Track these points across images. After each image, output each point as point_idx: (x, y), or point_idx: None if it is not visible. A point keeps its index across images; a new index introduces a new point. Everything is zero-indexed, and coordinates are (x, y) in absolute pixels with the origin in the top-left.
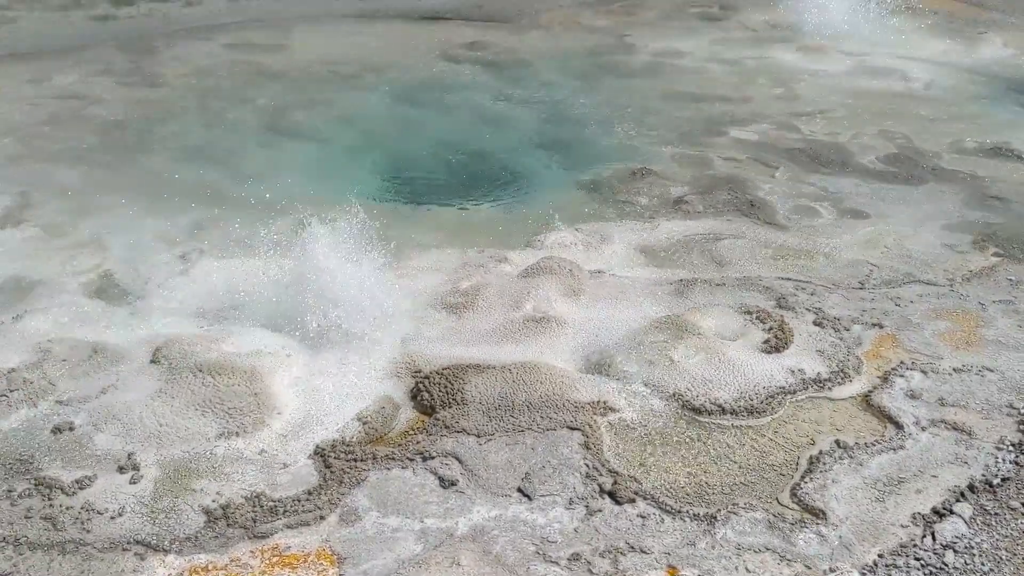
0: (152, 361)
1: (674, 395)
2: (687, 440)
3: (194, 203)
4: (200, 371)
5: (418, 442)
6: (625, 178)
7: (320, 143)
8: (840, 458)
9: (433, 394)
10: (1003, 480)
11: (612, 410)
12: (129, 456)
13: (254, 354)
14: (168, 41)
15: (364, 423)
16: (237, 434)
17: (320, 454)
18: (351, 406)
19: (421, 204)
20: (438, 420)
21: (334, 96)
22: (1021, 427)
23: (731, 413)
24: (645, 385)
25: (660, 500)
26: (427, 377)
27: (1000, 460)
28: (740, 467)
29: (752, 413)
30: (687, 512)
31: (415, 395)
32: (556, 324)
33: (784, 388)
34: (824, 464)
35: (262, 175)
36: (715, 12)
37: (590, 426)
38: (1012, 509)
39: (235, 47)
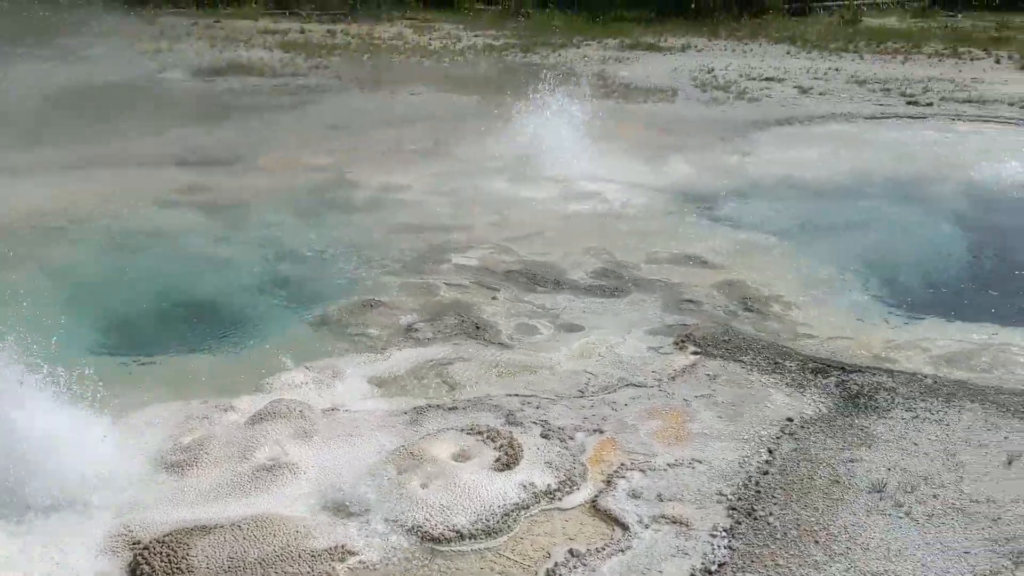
0: None
1: (413, 528)
2: (428, 572)
3: None
4: None
5: None
6: (355, 311)
7: (23, 303)
8: (575, 567)
9: (154, 566)
10: (720, 566)
11: (351, 553)
12: None
13: None
14: None
15: None
16: None
17: None
18: None
19: (139, 358)
20: None
21: (38, 252)
22: (731, 512)
23: (470, 538)
24: (384, 522)
25: None
26: (147, 548)
27: (715, 547)
28: None
29: (490, 534)
30: None
31: (134, 570)
32: (289, 470)
33: (518, 504)
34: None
35: None
36: (430, 147)
37: (328, 575)
38: None
39: None
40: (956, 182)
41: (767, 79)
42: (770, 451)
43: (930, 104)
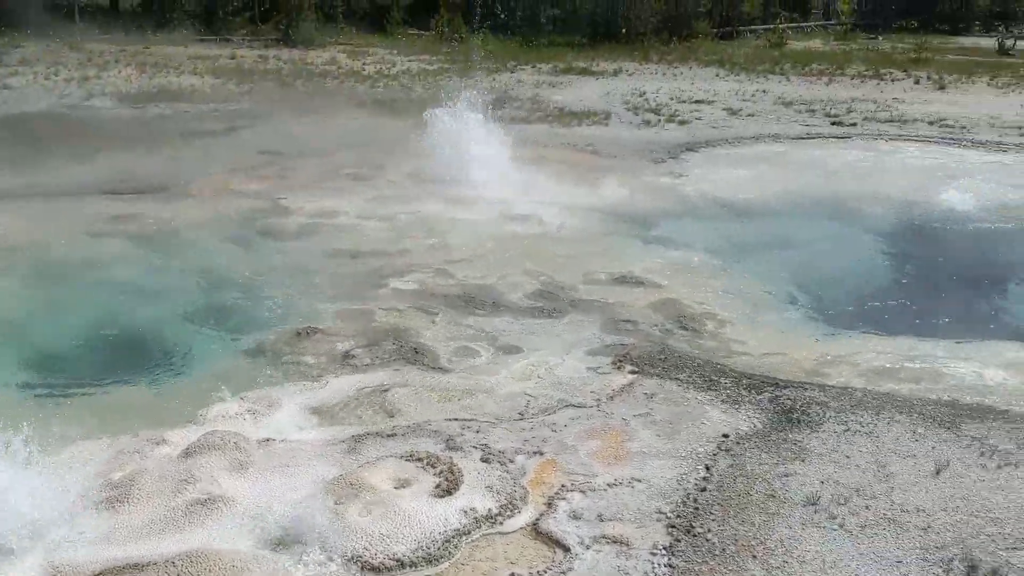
0: None
1: (353, 557)
2: None
3: None
4: None
5: None
6: (291, 339)
7: None
8: None
9: None
10: None
11: None
12: None
13: None
14: None
15: None
16: None
17: None
18: None
19: (68, 391)
20: None
21: None
22: (670, 530)
23: (410, 566)
24: (323, 552)
25: None
26: None
27: (656, 565)
28: None
29: (431, 562)
30: None
31: None
32: (224, 504)
33: (459, 530)
34: None
35: None
36: (365, 172)
37: None
38: None
39: None
40: (879, 200)
41: (697, 101)
42: (707, 468)
43: (854, 124)
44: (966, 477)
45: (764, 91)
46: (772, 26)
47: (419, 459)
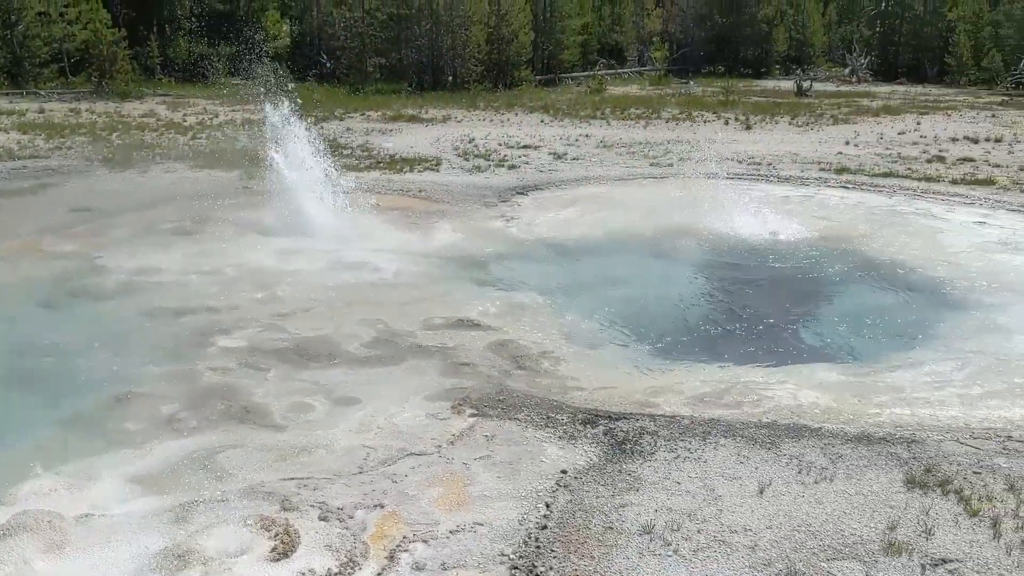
0: None
1: None
2: None
3: None
4: None
5: None
6: (110, 406)
7: None
8: None
9: None
10: None
11: None
12: None
13: None
14: None
15: None
16: None
17: None
18: None
19: None
20: None
21: None
22: (513, 572)
23: None
24: None
25: None
26: None
27: None
28: None
29: None
30: None
31: None
32: None
33: None
34: None
35: None
36: (188, 226)
37: None
38: None
39: None
40: (697, 236)
41: (524, 147)
42: (547, 505)
43: (671, 164)
44: (787, 494)
45: (587, 135)
46: (592, 73)
47: (252, 523)
